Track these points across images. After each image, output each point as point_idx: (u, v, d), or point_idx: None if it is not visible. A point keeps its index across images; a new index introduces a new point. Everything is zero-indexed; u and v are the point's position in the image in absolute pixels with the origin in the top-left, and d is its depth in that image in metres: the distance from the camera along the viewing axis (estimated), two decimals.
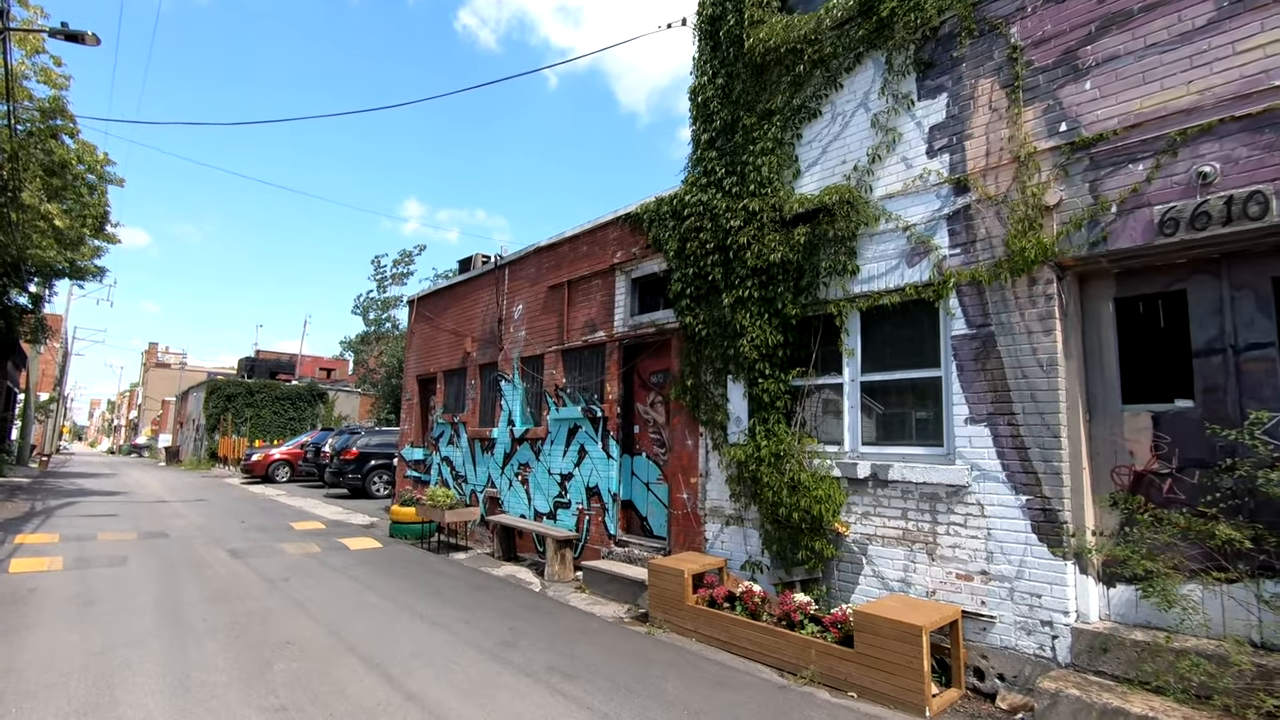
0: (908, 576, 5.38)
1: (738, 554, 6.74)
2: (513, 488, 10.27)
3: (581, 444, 8.96)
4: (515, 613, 6.85)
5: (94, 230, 16.99)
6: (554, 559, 8.39)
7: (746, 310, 6.64)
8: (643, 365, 8.48)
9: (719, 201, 7.06)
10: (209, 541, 10.68)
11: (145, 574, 8.16)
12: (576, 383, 9.39)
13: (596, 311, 9.03)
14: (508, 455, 10.44)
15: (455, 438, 11.97)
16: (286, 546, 10.30)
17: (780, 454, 6.20)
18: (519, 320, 10.62)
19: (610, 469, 8.44)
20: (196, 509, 15.21)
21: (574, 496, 9.01)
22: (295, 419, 35.17)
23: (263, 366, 40.82)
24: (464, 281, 12.40)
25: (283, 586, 7.71)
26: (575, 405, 9.23)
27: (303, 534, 11.74)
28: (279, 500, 17.67)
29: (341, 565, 9.01)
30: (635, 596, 7.22)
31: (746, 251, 6.67)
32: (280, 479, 23.57)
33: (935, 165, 5.55)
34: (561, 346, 9.57)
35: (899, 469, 5.46)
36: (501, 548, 9.68)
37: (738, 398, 6.81)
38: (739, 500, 6.74)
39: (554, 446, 9.45)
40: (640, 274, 8.44)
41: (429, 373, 13.27)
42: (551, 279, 9.94)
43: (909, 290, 5.58)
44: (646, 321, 8.21)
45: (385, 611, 6.72)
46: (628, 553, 8.00)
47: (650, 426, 8.32)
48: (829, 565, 5.91)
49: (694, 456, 7.35)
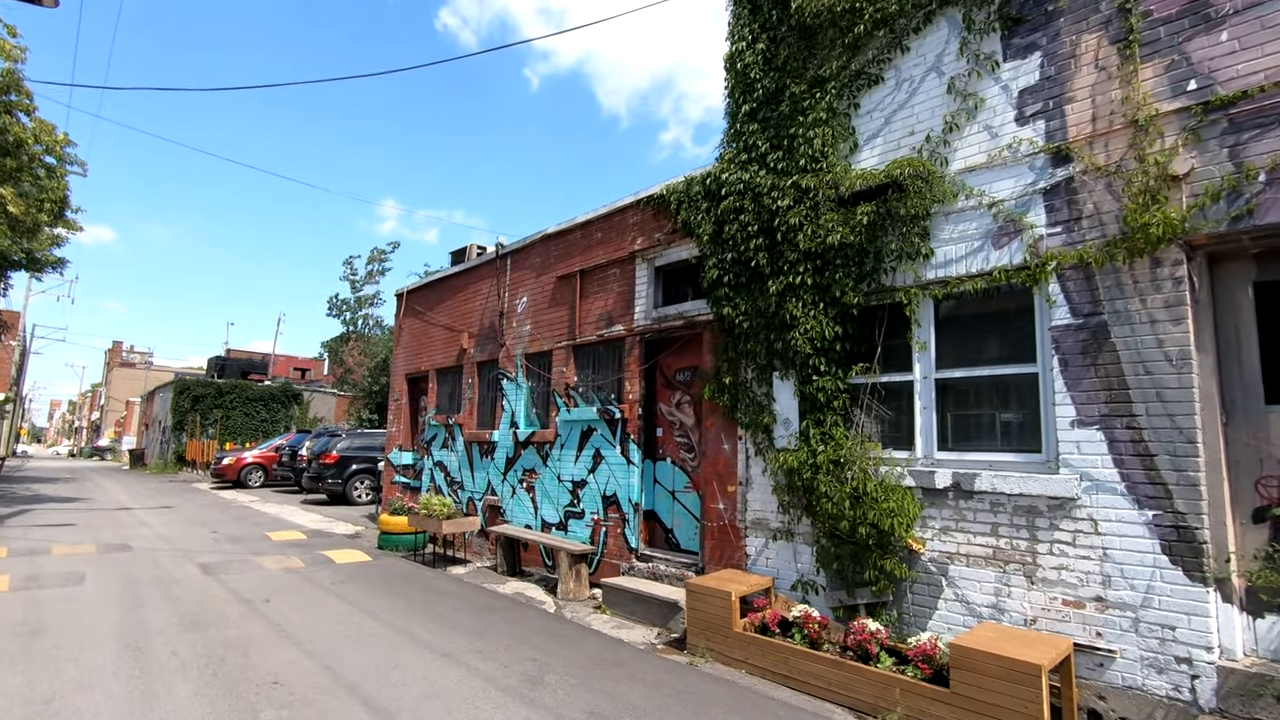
0: (1000, 602, 4.69)
1: (786, 572, 6.02)
2: (516, 495, 9.44)
3: (597, 448, 8.18)
4: (533, 640, 6.05)
5: (52, 217, 15.75)
6: (568, 575, 7.59)
7: (798, 299, 5.93)
8: (667, 362, 7.73)
9: (763, 179, 6.35)
10: (177, 555, 9.68)
11: (105, 595, 7.20)
12: (590, 381, 8.60)
13: (613, 303, 8.26)
14: (510, 460, 9.62)
15: (450, 441, 11.10)
16: (265, 560, 9.35)
17: (840, 460, 5.49)
18: (523, 314, 9.81)
19: (630, 476, 7.67)
20: (163, 517, 14.10)
21: (588, 505, 8.22)
22: (268, 421, 33.78)
23: (234, 366, 39.27)
24: (459, 273, 11.54)
25: (264, 609, 6.80)
26: (589, 406, 8.44)
27: (282, 545, 10.78)
28: (253, 507, 16.57)
29: (329, 582, 8.11)
30: (666, 619, 6.46)
31: (798, 234, 5.97)
32: (253, 484, 22.36)
33: (1027, 133, 4.89)
34: (573, 342, 8.78)
35: (988, 479, 4.78)
36: (505, 561, 8.85)
37: (786, 397, 6.10)
38: (788, 512, 6.02)
39: (565, 451, 8.65)
40: (665, 262, 7.69)
41: (420, 371, 12.38)
42: (561, 268, 9.15)
43: (996, 275, 4.91)
44: (673, 314, 7.46)
45: (385, 641, 5.87)
46: (652, 568, 7.24)
47: (676, 429, 7.57)
48: (900, 587, 5.21)
49: (731, 462, 6.61)
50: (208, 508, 16.23)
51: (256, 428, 33.04)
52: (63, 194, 15.32)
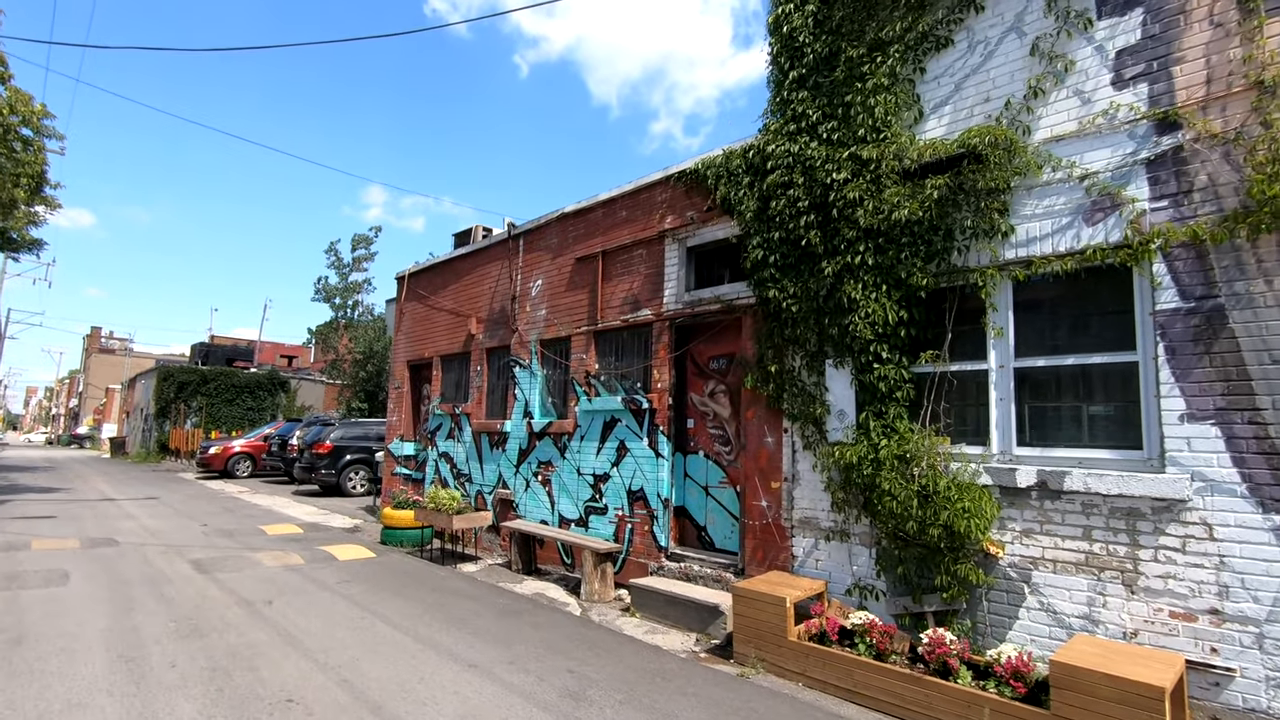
0: (1093, 612, 4.28)
1: (840, 576, 5.59)
2: (530, 489, 8.94)
3: (621, 440, 7.70)
4: (564, 647, 5.58)
5: (29, 194, 14.92)
6: (592, 575, 7.12)
7: (857, 281, 5.46)
8: (699, 349, 7.26)
9: (815, 151, 5.86)
10: (167, 550, 9.10)
11: (92, 596, 6.63)
12: (613, 369, 8.11)
13: (640, 286, 7.76)
14: (524, 452, 9.11)
15: (456, 431, 10.57)
16: (262, 556, 8.80)
17: (906, 456, 5.05)
18: (537, 298, 9.28)
19: (659, 469, 7.20)
20: (149, 509, 13.46)
21: (611, 501, 7.75)
22: (254, 409, 32.95)
23: (218, 353, 38.33)
24: (466, 255, 10.97)
25: (267, 612, 6.28)
26: (613, 395, 7.95)
27: (278, 540, 10.22)
28: (243, 498, 15.94)
29: (334, 581, 7.59)
30: (704, 623, 6.01)
31: (857, 209, 5.49)
32: (241, 474, 21.68)
33: (1126, 98, 4.44)
34: (594, 327, 8.28)
35: (1079, 477, 4.36)
36: (520, 559, 8.37)
37: (841, 387, 5.64)
38: (842, 510, 5.58)
39: (585, 443, 8.16)
40: (699, 241, 7.19)
41: (422, 357, 11.81)
42: (580, 249, 8.63)
43: (1090, 254, 4.47)
44: (708, 297, 6.97)
45: (404, 649, 5.37)
46: (684, 569, 6.79)
47: (709, 420, 7.10)
48: (974, 594, 4.79)
49: (775, 457, 6.16)
50: (195, 499, 15.58)
51: (242, 416, 32.23)
52: (40, 168, 14.52)
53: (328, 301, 33.36)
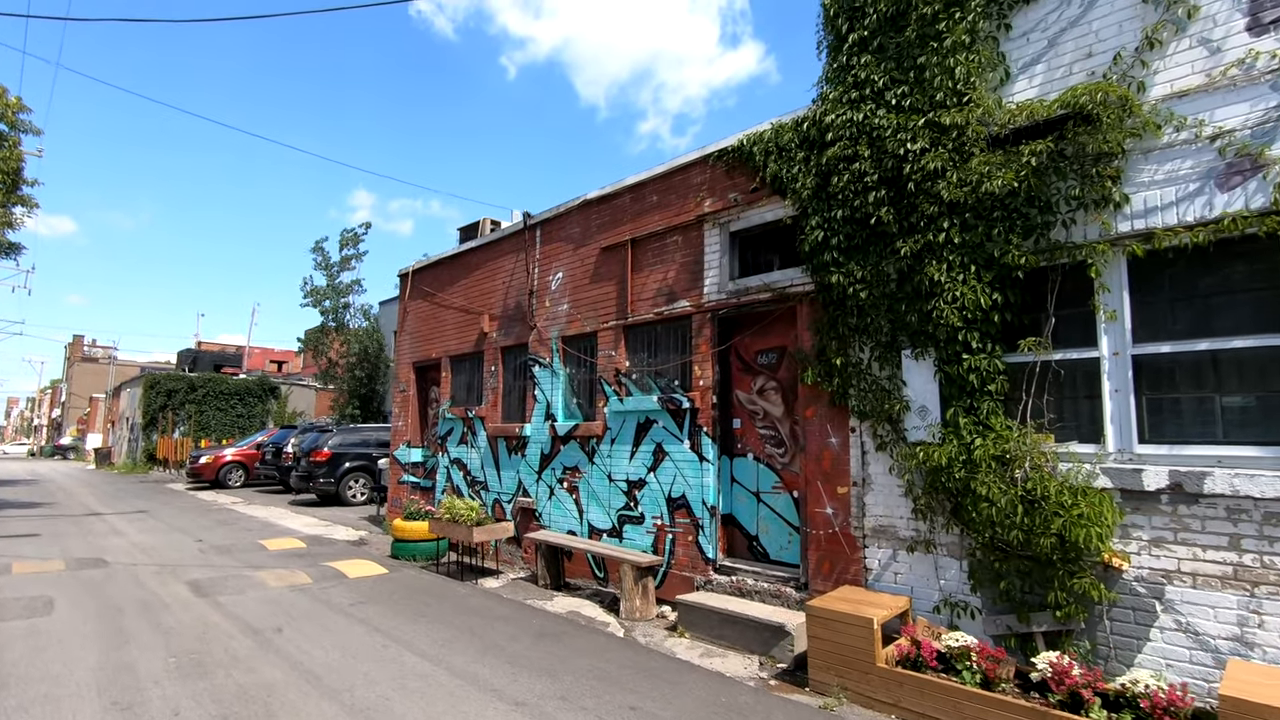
0: (1246, 634, 3.73)
1: (923, 591, 5.01)
2: (555, 497, 8.32)
3: (658, 442, 7.09)
4: (618, 677, 4.97)
5: (4, 193, 14.13)
6: (633, 591, 6.52)
7: (940, 262, 4.90)
8: (745, 342, 6.67)
9: (883, 119, 5.29)
10: (161, 571, 8.41)
11: (80, 628, 5.95)
12: (646, 366, 7.51)
13: (676, 276, 7.16)
14: (546, 457, 8.49)
15: (469, 436, 9.93)
16: (265, 576, 8.13)
17: (1005, 456, 4.49)
18: (558, 292, 8.66)
19: (704, 474, 6.61)
20: (139, 524, 12.70)
21: (649, 509, 7.14)
22: (244, 416, 32.08)
23: (206, 359, 37.36)
24: (476, 249, 10.33)
25: (278, 642, 5.63)
26: (647, 394, 7.35)
27: (280, 556, 9.53)
28: (238, 510, 15.20)
29: (347, 603, 6.93)
30: (767, 645, 5.43)
31: (938, 182, 4.92)
32: (233, 484, 20.88)
33: (1267, 45, 3.89)
34: (623, 322, 7.67)
35: (1223, 478, 3.80)
36: (548, 573, 7.74)
37: (921, 380, 5.07)
38: (926, 518, 5.01)
39: (617, 446, 7.55)
40: (743, 225, 6.61)
41: (430, 358, 11.15)
42: (606, 238, 8.02)
43: (1226, 224, 3.92)
44: (756, 286, 6.39)
45: (439, 684, 4.75)
46: (736, 583, 6.19)
47: (759, 420, 6.52)
48: (1093, 612, 4.23)
49: (841, 459, 5.58)
50: (187, 511, 14.82)
51: (231, 424, 31.34)
52: (16, 165, 13.73)
53: (316, 306, 32.55)
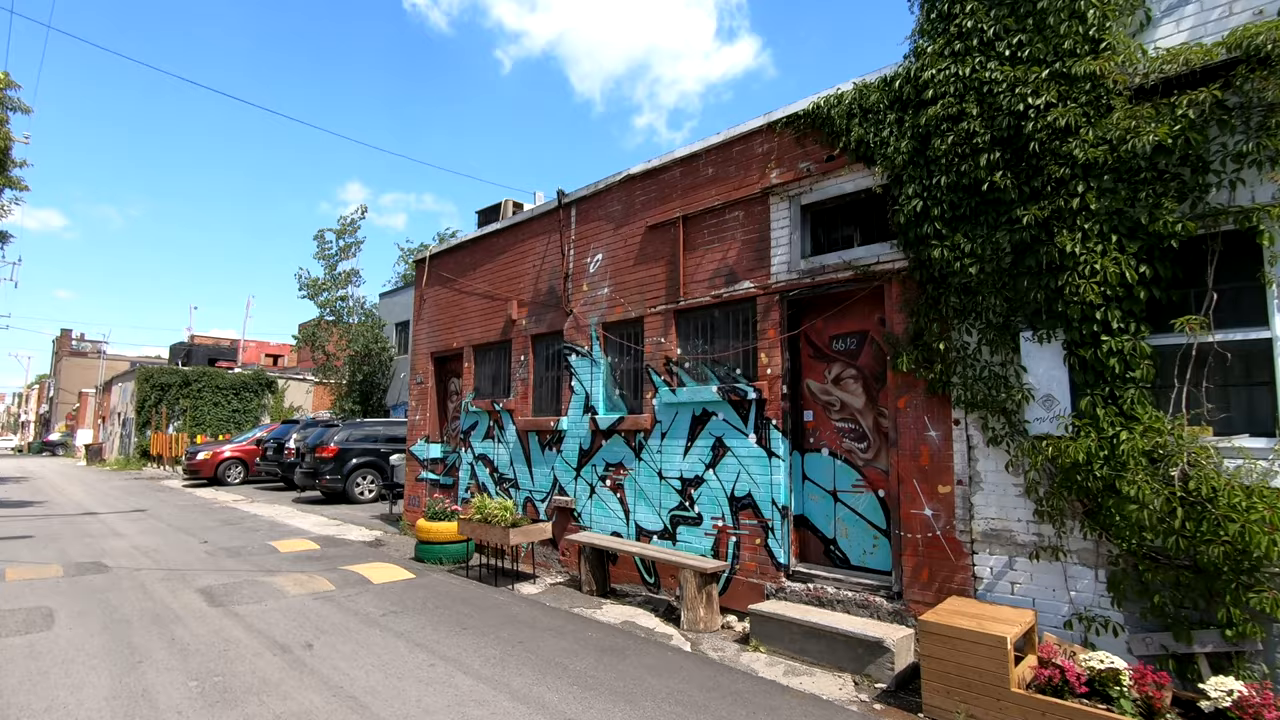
0: None
1: (1050, 604, 4.45)
2: (596, 496, 7.72)
3: (718, 436, 6.50)
4: (704, 702, 4.39)
5: None
6: (695, 600, 5.93)
7: (1072, 231, 4.31)
8: (818, 327, 6.08)
9: (996, 72, 4.70)
10: (168, 576, 7.76)
11: (85, 644, 5.31)
12: (701, 353, 6.91)
13: (736, 255, 6.56)
14: (586, 453, 7.88)
15: (496, 430, 9.31)
16: (282, 581, 7.50)
17: (1157, 451, 3.92)
18: (597, 275, 8.04)
19: (774, 471, 6.02)
20: (138, 524, 12.02)
21: (707, 509, 6.55)
22: (239, 411, 31.32)
23: (200, 353, 36.52)
24: (501, 231, 9.69)
25: (310, 660, 5.02)
26: (703, 385, 6.75)
27: (295, 559, 8.90)
28: (240, 508, 14.52)
29: (378, 613, 6.32)
30: (861, 662, 4.85)
31: (1068, 140, 4.34)
32: (232, 480, 20.17)
33: None
34: (675, 306, 7.06)
35: None
36: (594, 579, 7.14)
37: (1046, 365, 4.49)
38: (1052, 521, 4.44)
39: (668, 441, 6.95)
40: (818, 198, 6.01)
41: (450, 349, 10.51)
42: (652, 215, 7.40)
43: None
44: (834, 264, 5.79)
45: (506, 713, 4.15)
46: (814, 591, 5.62)
47: (834, 411, 5.94)
48: (1271, 631, 3.67)
49: (942, 454, 5.01)
50: (188, 510, 14.14)
51: (227, 418, 30.59)
52: (4, 145, 12.95)
53: (313, 298, 31.79)
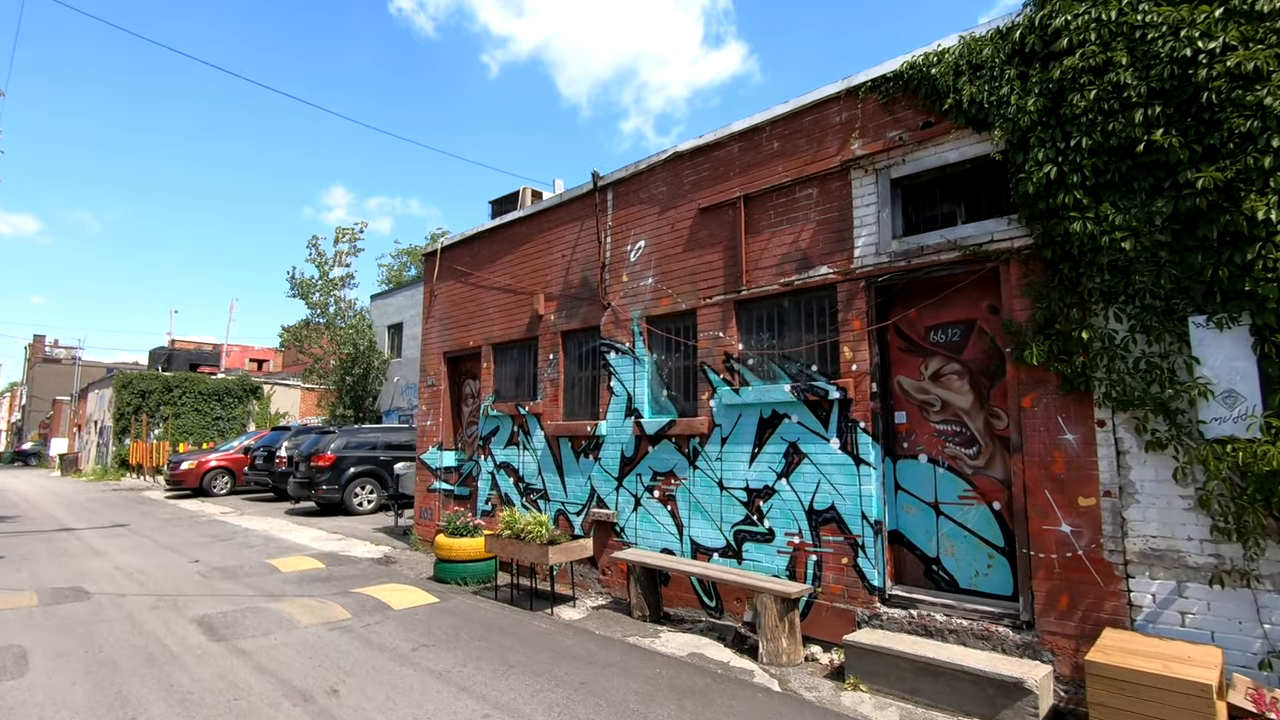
0: None
1: (1238, 638, 3.75)
2: (642, 509, 6.95)
3: (792, 441, 5.77)
4: None
5: None
6: (776, 629, 5.19)
7: (1264, 193, 3.64)
8: (909, 317, 5.37)
9: (1149, 14, 4.03)
10: (159, 603, 6.87)
11: (67, 697, 4.45)
12: (766, 348, 6.17)
13: (811, 238, 5.84)
14: (629, 460, 7.11)
15: (521, 436, 8.50)
16: (290, 608, 6.64)
17: None
18: (639, 264, 7.29)
19: (863, 481, 5.30)
20: (120, 541, 11.05)
21: (779, 523, 5.81)
22: (223, 418, 30.16)
23: (180, 357, 35.24)
24: (526, 219, 8.90)
25: (340, 713, 4.21)
26: (772, 383, 6.02)
27: (299, 580, 8.03)
28: (231, 522, 13.55)
29: (407, 648, 5.50)
30: (993, 706, 4.13)
31: (1253, 89, 3.66)
32: (218, 491, 19.12)
33: None
34: (735, 296, 6.33)
35: None
36: (645, 602, 6.37)
37: (1226, 355, 3.80)
38: (1237, 539, 3.74)
39: (730, 446, 6.21)
40: (913, 170, 5.30)
41: (466, 347, 9.69)
42: (705, 196, 6.67)
43: None
44: (936, 244, 5.09)
45: None
46: (918, 619, 4.89)
47: (934, 412, 5.22)
48: None
49: (1083, 460, 4.30)
50: (173, 525, 13.15)
51: (210, 426, 29.42)
52: None
53: (303, 297, 30.79)
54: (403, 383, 25.41)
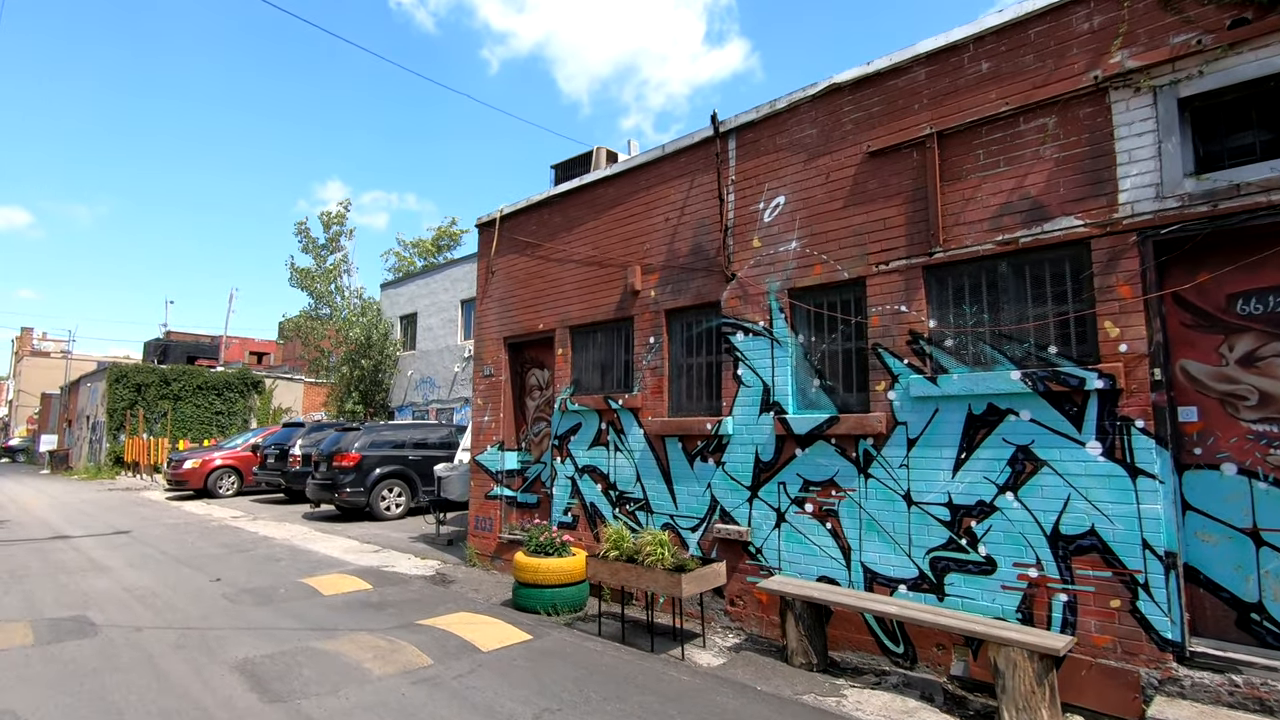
0: None
1: None
2: (787, 526, 5.62)
3: (1022, 445, 4.45)
4: None
5: None
6: (1033, 696, 3.87)
7: None
8: (1203, 284, 4.06)
9: None
10: (183, 640, 5.50)
11: None
12: (973, 325, 4.85)
13: (1045, 181, 4.52)
14: (769, 465, 5.78)
15: (612, 435, 7.16)
16: (350, 649, 5.28)
17: None
18: (776, 224, 5.96)
19: (1144, 498, 3.99)
20: (124, 552, 9.64)
21: (1003, 551, 4.50)
22: (223, 413, 28.67)
23: (177, 349, 33.65)
24: (614, 178, 7.55)
25: None
26: (987, 369, 4.71)
27: (347, 606, 6.67)
28: (245, 529, 12.14)
29: (527, 713, 4.15)
30: None
31: None
32: (224, 492, 17.66)
33: None
34: (923, 259, 5.01)
35: None
36: (810, 646, 5.04)
37: None
38: None
39: (922, 450, 4.89)
40: (1214, 85, 3.99)
41: (533, 331, 8.33)
42: (877, 137, 5.34)
43: None
44: (1259, 181, 3.77)
45: None
46: (1245, 688, 3.59)
47: (1248, 408, 3.91)
48: None
49: None
50: (181, 531, 11.72)
51: (209, 421, 27.94)
52: None
53: (305, 288, 29.36)
54: (417, 376, 23.97)
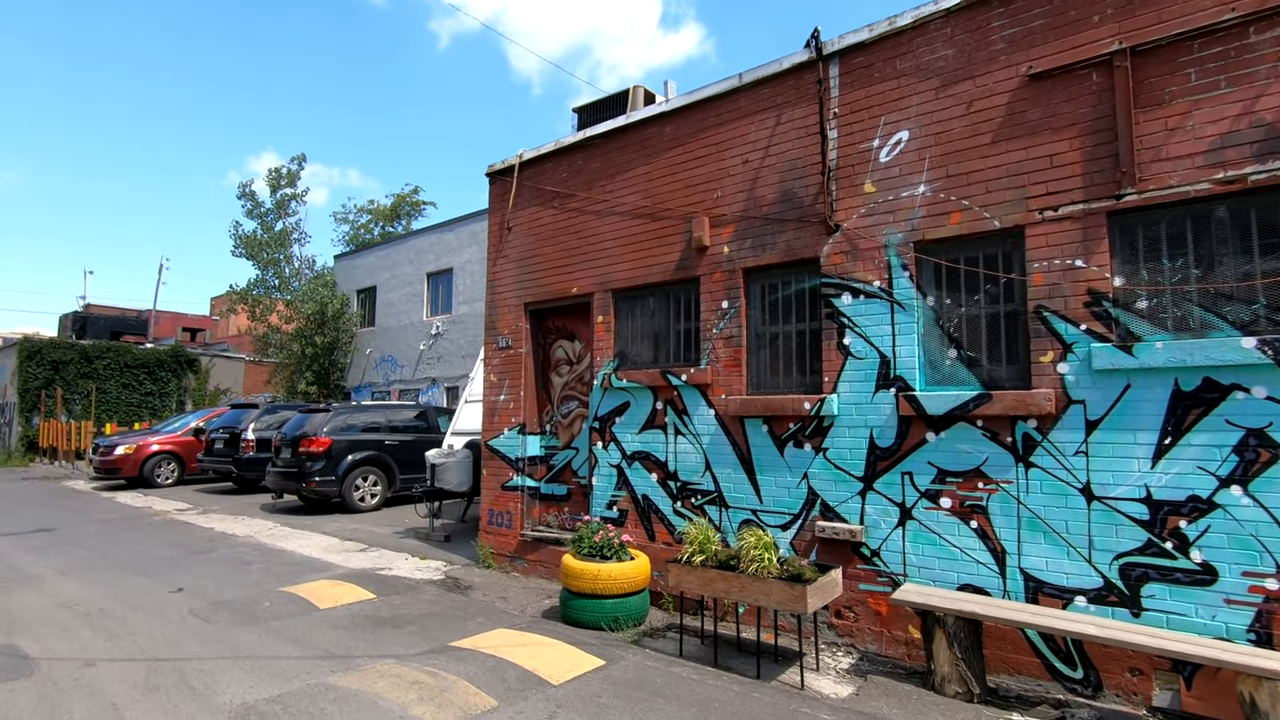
0: None
1: None
2: (914, 524, 4.71)
3: (1255, 428, 3.63)
4: None
5: None
6: None
7: None
8: None
9: None
10: (154, 678, 4.21)
11: None
12: (1176, 281, 3.99)
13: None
14: (885, 452, 4.85)
15: (671, 416, 6.10)
16: (386, 690, 4.12)
17: None
18: (898, 165, 4.98)
19: None
20: (54, 557, 8.05)
21: (1226, 557, 3.68)
22: (154, 394, 26.18)
23: (98, 324, 30.56)
24: (672, 113, 6.42)
25: None
26: (1199, 335, 3.86)
27: (354, 624, 5.44)
28: (197, 524, 10.55)
29: None
30: None
31: None
32: (163, 480, 15.75)
33: None
34: (1107, 203, 4.12)
35: None
36: (968, 671, 4.14)
37: None
38: None
39: (1107, 433, 4.03)
40: None
41: (565, 295, 7.15)
42: (1042, 56, 4.41)
43: None
44: None
45: None
46: None
47: None
48: None
49: None
50: (119, 528, 10.08)
51: (139, 403, 25.46)
52: None
53: (251, 257, 27.01)
54: (377, 355, 22.23)
